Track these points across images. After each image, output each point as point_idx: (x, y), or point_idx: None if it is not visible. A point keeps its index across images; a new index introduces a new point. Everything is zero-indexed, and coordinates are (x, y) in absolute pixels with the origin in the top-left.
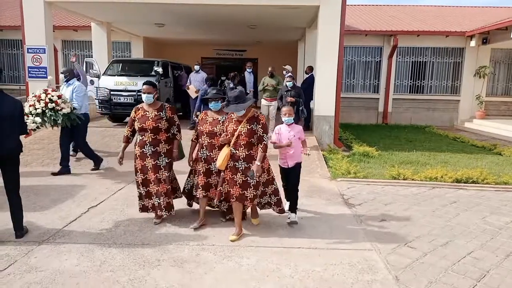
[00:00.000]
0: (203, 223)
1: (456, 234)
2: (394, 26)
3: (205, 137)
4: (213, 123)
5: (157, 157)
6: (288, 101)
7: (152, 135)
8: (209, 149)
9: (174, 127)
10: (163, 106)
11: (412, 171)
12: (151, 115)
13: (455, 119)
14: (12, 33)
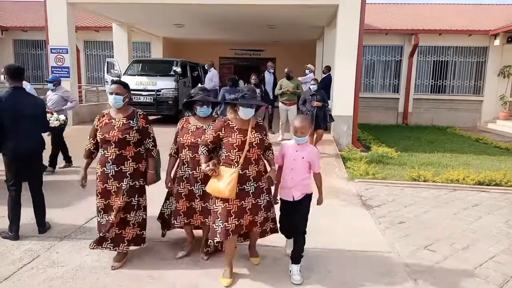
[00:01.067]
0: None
1: (478, 238)
2: (415, 25)
3: (187, 150)
4: (196, 133)
5: (121, 179)
6: (314, 105)
7: (117, 150)
8: (191, 166)
9: (149, 140)
10: (135, 113)
11: (433, 172)
12: (118, 123)
13: (478, 120)
14: (36, 34)
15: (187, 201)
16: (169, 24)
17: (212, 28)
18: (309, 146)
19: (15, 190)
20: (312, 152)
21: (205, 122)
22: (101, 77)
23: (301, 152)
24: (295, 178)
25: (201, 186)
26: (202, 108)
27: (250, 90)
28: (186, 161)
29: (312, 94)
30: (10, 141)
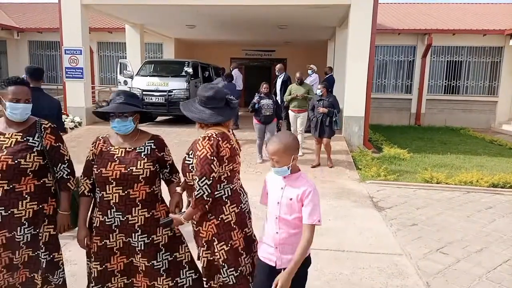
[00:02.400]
0: None
1: (492, 241)
2: (429, 25)
3: (114, 187)
4: (126, 159)
5: (14, 227)
6: (320, 111)
7: (6, 184)
8: (124, 209)
9: (62, 166)
10: (37, 125)
11: (446, 174)
12: (9, 142)
13: (492, 121)
14: (50, 35)
15: (123, 256)
16: (181, 25)
17: (223, 29)
18: (302, 181)
19: None
20: (307, 190)
21: (138, 142)
22: (114, 78)
23: (289, 190)
24: (282, 233)
25: (142, 237)
26: (114, 121)
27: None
28: (114, 202)
29: (319, 99)
30: None
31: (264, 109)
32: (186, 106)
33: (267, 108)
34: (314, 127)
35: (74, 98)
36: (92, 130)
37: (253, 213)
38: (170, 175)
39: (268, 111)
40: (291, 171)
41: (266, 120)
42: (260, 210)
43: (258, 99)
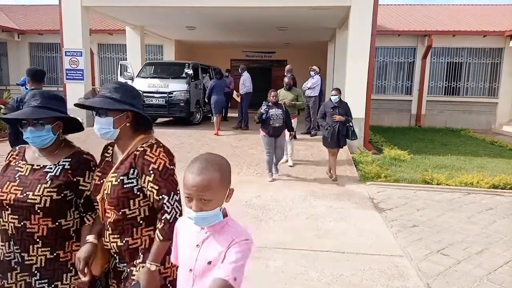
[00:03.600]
0: None
1: (492, 242)
2: (429, 26)
3: (9, 214)
4: (27, 181)
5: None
6: (336, 120)
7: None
8: (20, 244)
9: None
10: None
11: (447, 175)
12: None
13: (493, 122)
14: (51, 37)
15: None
16: (181, 26)
17: (223, 30)
18: (229, 230)
19: None
20: (236, 243)
21: (55, 158)
22: (114, 80)
23: (208, 248)
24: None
25: (41, 283)
26: (26, 130)
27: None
28: (11, 234)
29: (333, 106)
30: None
31: (272, 119)
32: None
33: (276, 119)
34: (331, 137)
35: (74, 100)
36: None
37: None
38: (85, 211)
39: (277, 122)
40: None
41: (274, 132)
42: (259, 211)
43: (266, 108)
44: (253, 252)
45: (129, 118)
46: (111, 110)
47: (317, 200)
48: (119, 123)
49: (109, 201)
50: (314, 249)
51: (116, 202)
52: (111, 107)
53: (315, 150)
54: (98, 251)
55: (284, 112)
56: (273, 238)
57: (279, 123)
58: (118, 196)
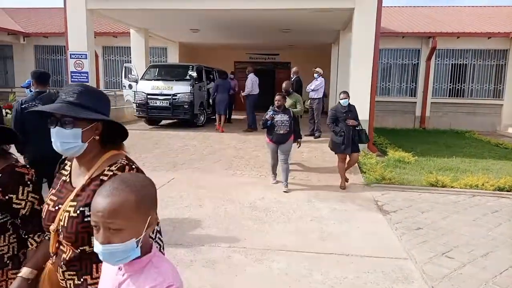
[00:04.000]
0: None
1: (498, 245)
2: (433, 28)
3: None
4: None
5: None
6: (349, 124)
7: None
8: None
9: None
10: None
11: (451, 178)
12: None
13: (498, 124)
14: (56, 40)
15: None
16: (185, 29)
17: (227, 32)
18: (153, 273)
19: None
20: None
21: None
22: (119, 82)
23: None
24: None
25: None
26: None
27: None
28: None
29: (345, 110)
30: (32, 145)
31: (277, 126)
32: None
33: (281, 125)
34: (346, 144)
35: None
36: None
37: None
38: (27, 233)
39: (283, 128)
40: (141, 250)
41: (279, 139)
42: (263, 213)
43: (272, 114)
44: None
45: (98, 130)
46: (78, 120)
47: (321, 202)
48: (88, 136)
49: (66, 236)
50: (318, 252)
51: (74, 238)
52: (81, 116)
53: (319, 152)
54: (43, 283)
55: (291, 117)
56: (277, 241)
57: (284, 130)
58: (76, 231)
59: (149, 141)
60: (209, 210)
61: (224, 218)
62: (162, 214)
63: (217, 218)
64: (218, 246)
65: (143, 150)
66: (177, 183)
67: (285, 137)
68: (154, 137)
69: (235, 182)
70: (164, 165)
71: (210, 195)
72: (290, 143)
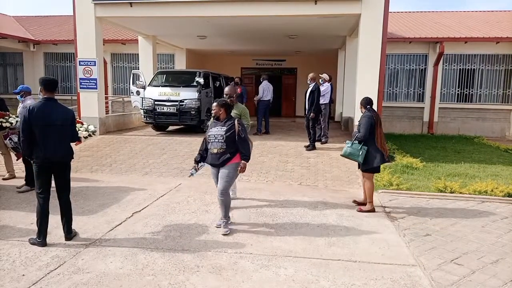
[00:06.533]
0: None
1: (508, 252)
2: (440, 33)
3: None
4: None
5: None
6: None
7: None
8: None
9: None
10: None
11: (460, 184)
12: None
13: (507, 129)
14: (65, 47)
15: None
16: (192, 36)
17: (234, 39)
18: None
19: (43, 198)
20: None
21: None
22: (127, 88)
23: None
24: None
25: None
26: None
27: None
28: None
29: None
30: (40, 150)
31: (209, 142)
32: None
33: (213, 141)
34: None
35: (88, 108)
36: (105, 140)
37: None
38: None
39: (215, 146)
40: None
41: (212, 160)
42: (270, 219)
43: (212, 124)
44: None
45: None
46: None
47: (328, 208)
48: None
49: None
50: (325, 258)
51: None
52: None
53: (326, 158)
54: None
55: (233, 132)
56: (284, 246)
57: (217, 148)
58: None
59: (156, 147)
60: (216, 216)
61: (230, 224)
62: (169, 219)
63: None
64: (224, 252)
65: (150, 156)
66: (184, 189)
67: (219, 158)
68: (161, 142)
69: (241, 187)
70: (171, 170)
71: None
72: (232, 168)
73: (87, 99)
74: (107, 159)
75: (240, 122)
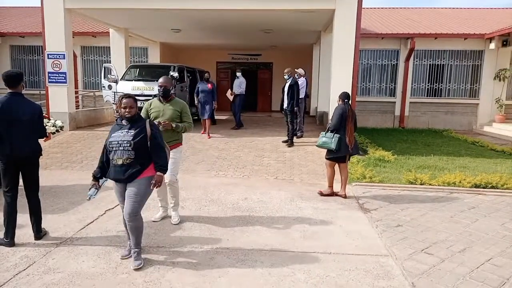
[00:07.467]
0: None
1: (475, 241)
2: (411, 29)
3: None
4: None
5: None
6: None
7: None
8: None
9: None
10: None
11: (430, 176)
12: None
13: (474, 123)
14: (33, 40)
15: None
16: (166, 29)
17: (208, 33)
18: None
19: (10, 197)
20: None
21: None
22: (98, 83)
23: None
24: None
25: None
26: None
27: None
28: None
29: None
30: (6, 147)
31: (112, 151)
32: None
33: (117, 149)
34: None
35: (57, 103)
36: (76, 136)
37: (239, 217)
38: None
39: (120, 155)
40: None
41: (116, 174)
42: (246, 213)
43: (114, 128)
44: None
45: None
46: None
47: (303, 201)
48: None
49: None
50: (301, 251)
51: None
52: None
53: (301, 152)
54: None
55: (142, 136)
56: (260, 241)
57: (123, 158)
58: None
59: None
60: (192, 212)
61: (206, 219)
62: (144, 216)
63: (200, 219)
64: (200, 248)
65: None
66: None
67: (126, 171)
68: None
69: (217, 183)
70: None
71: (193, 196)
72: (142, 184)
73: (56, 93)
74: (78, 156)
75: (152, 123)
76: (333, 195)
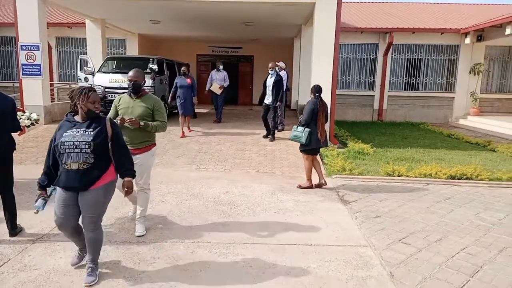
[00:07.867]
0: None
1: (450, 230)
2: (390, 23)
3: None
4: None
5: None
6: None
7: None
8: None
9: None
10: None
11: (407, 167)
12: None
13: (450, 116)
14: (5, 30)
15: None
16: (145, 20)
17: (188, 24)
18: None
19: None
20: None
21: None
22: (74, 75)
23: None
24: None
25: None
26: None
27: None
28: None
29: None
30: None
31: (65, 153)
32: None
33: (73, 151)
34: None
35: (31, 96)
36: (51, 129)
37: (220, 210)
38: None
39: (74, 159)
40: None
41: (69, 182)
42: (228, 207)
43: (65, 126)
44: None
45: None
46: None
47: (284, 194)
48: None
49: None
50: (282, 243)
51: None
52: None
53: (282, 146)
54: None
55: (103, 137)
56: (242, 234)
57: (79, 162)
58: None
59: None
60: (173, 206)
61: (188, 214)
62: (123, 211)
63: (181, 213)
64: (182, 242)
65: None
66: None
67: (82, 177)
68: None
69: (198, 176)
70: None
71: (173, 190)
72: (101, 193)
73: (31, 86)
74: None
75: (112, 122)
76: (312, 187)
